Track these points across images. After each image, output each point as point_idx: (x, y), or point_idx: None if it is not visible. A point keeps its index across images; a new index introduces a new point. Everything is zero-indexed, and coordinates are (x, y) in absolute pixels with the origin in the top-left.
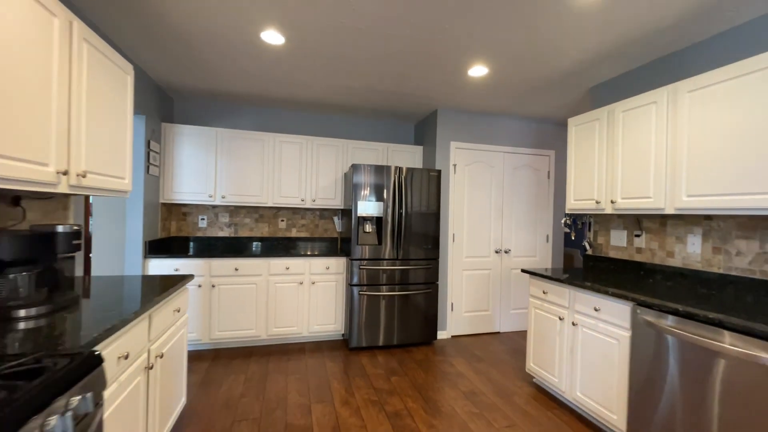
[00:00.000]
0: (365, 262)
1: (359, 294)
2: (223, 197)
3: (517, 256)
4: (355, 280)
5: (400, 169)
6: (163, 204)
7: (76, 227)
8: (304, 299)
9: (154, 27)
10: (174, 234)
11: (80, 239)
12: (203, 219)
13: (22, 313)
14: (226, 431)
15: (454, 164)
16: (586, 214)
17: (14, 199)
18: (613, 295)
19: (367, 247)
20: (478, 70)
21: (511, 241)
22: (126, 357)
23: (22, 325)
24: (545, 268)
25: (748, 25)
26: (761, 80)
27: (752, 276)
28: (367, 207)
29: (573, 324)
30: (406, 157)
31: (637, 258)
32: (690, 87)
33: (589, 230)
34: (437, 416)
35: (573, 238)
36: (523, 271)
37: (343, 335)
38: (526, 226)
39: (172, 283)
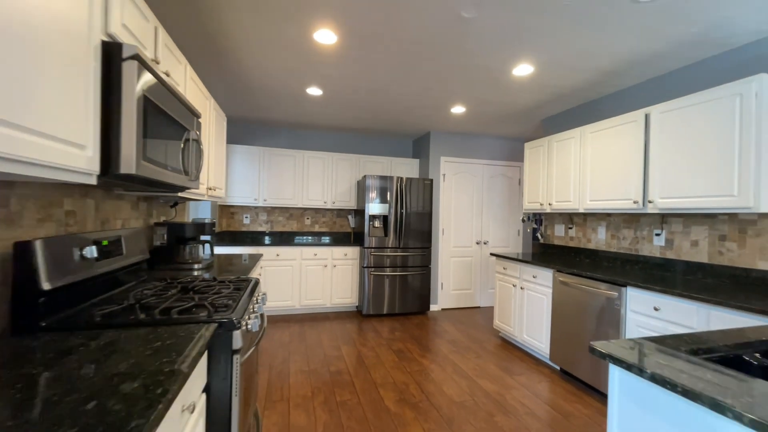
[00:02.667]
0: (374, 249)
1: (370, 274)
2: (264, 200)
3: (493, 246)
4: (367, 264)
5: (401, 178)
6: (220, 206)
7: (213, 220)
8: (328, 278)
9: (232, 83)
10: (225, 229)
11: (215, 228)
12: (247, 217)
13: (196, 265)
14: (286, 359)
15: (443, 174)
16: (538, 213)
17: (173, 204)
18: (543, 266)
19: (375, 238)
20: (458, 109)
21: (489, 234)
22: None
23: (196, 272)
24: (516, 253)
25: (621, 92)
26: (627, 129)
27: (629, 252)
28: (376, 208)
29: (521, 288)
30: (406, 168)
31: (570, 244)
32: (591, 129)
33: (541, 225)
34: (428, 352)
35: (529, 230)
36: (491, 254)
37: (357, 307)
38: (500, 223)
39: (255, 258)
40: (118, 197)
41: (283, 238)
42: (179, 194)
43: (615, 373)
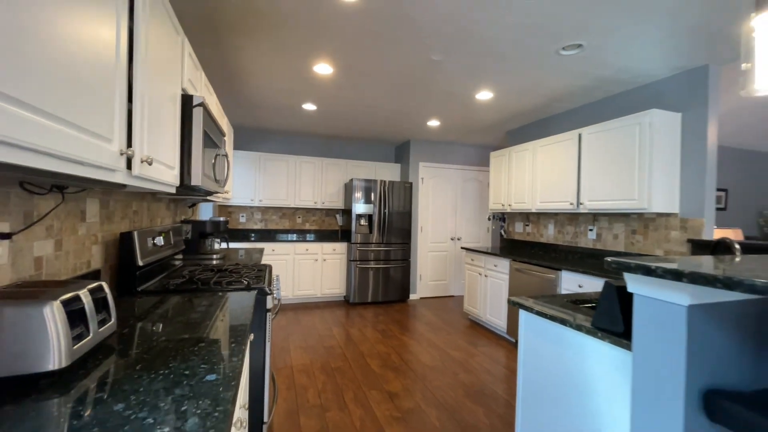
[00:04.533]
0: (360, 245)
1: (356, 267)
2: (260, 200)
3: (466, 242)
4: (353, 258)
5: (384, 181)
6: (219, 206)
7: (226, 219)
8: (318, 271)
9: (237, 99)
10: None
11: (228, 225)
12: (243, 216)
13: (215, 256)
14: (286, 338)
15: (422, 177)
16: (502, 212)
17: (192, 205)
18: (502, 257)
19: (361, 235)
20: (433, 122)
21: (462, 231)
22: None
23: (215, 261)
24: (486, 247)
25: (564, 113)
26: (566, 145)
27: (570, 244)
28: (361, 207)
29: (486, 276)
30: (389, 172)
31: (527, 238)
32: (540, 144)
33: (505, 223)
34: (407, 331)
35: (491, 228)
36: (462, 248)
37: (344, 296)
38: (472, 221)
39: (260, 251)
40: (158, 200)
41: (277, 235)
42: (208, 197)
43: (522, 314)
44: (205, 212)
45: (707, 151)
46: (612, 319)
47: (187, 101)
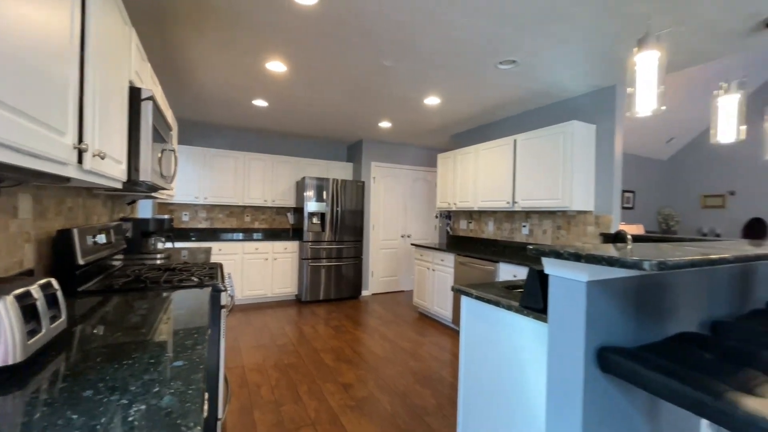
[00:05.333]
0: (312, 243)
1: (308, 265)
2: (205, 198)
3: (416, 238)
4: (305, 256)
5: (337, 180)
6: (158, 203)
7: (171, 217)
8: (269, 270)
9: (182, 90)
10: None
11: (172, 223)
12: (186, 214)
13: (158, 255)
14: (236, 338)
15: (374, 177)
16: (448, 210)
17: (131, 202)
18: (448, 251)
19: (313, 233)
20: (385, 124)
21: (412, 229)
22: None
23: (159, 261)
24: (435, 243)
25: (503, 120)
26: (504, 149)
27: (507, 239)
28: (314, 206)
29: (433, 270)
30: (341, 171)
31: (470, 234)
32: (482, 147)
33: (451, 220)
34: (359, 326)
35: (438, 225)
36: (412, 244)
37: (296, 295)
38: (422, 219)
39: (208, 251)
40: (94, 196)
41: (224, 235)
42: (151, 194)
43: (463, 300)
44: (144, 210)
45: (614, 158)
46: (534, 298)
47: (135, 94)
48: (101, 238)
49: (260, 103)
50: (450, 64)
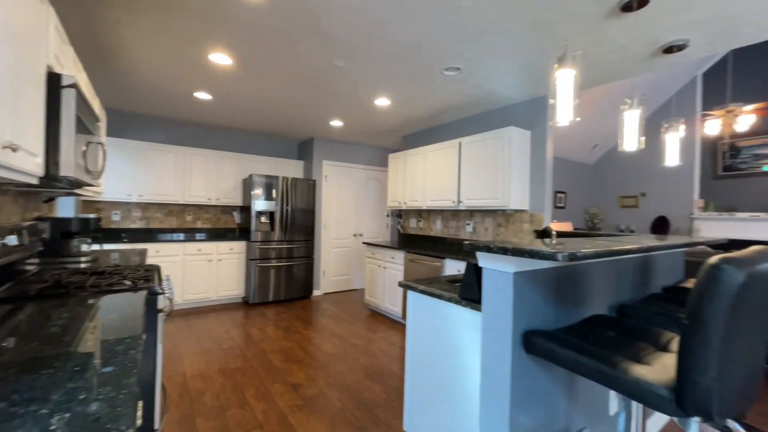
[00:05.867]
0: (260, 243)
1: (256, 266)
2: (140, 195)
3: (368, 237)
4: (253, 256)
5: (287, 178)
6: (83, 201)
7: (99, 216)
8: (213, 272)
9: (113, 79)
10: None
11: (100, 223)
12: (117, 213)
13: (83, 258)
14: (176, 345)
15: (325, 175)
16: (398, 209)
17: (49, 200)
18: (398, 249)
19: (261, 233)
20: (336, 123)
21: (364, 227)
22: None
23: (83, 264)
24: (386, 241)
25: (450, 123)
26: (450, 151)
27: (454, 237)
28: (262, 204)
29: (384, 268)
30: (291, 169)
31: (420, 233)
32: (430, 149)
33: (401, 218)
34: (310, 326)
35: (390, 224)
36: (363, 243)
37: (243, 297)
38: (374, 218)
39: (143, 253)
40: (3, 192)
41: (161, 235)
42: (74, 191)
43: (409, 294)
44: (65, 209)
45: (546, 162)
46: (471, 289)
47: (54, 80)
48: (12, 240)
49: (203, 96)
50: (399, 68)
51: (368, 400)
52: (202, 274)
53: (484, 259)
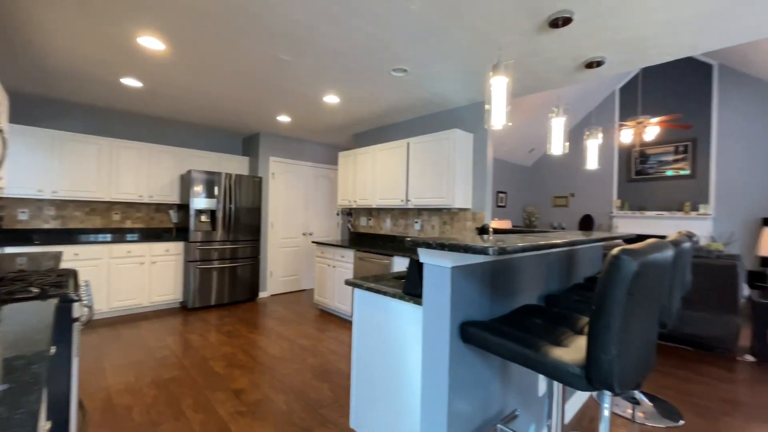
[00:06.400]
0: (200, 244)
1: (196, 268)
2: (54, 192)
3: (318, 236)
4: (192, 258)
5: (230, 174)
6: None
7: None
8: (145, 276)
9: (18, 59)
10: None
11: (0, 222)
12: (24, 212)
13: None
14: (98, 358)
15: (272, 172)
16: (349, 208)
17: None
18: (348, 248)
19: (202, 232)
20: (284, 118)
21: (314, 226)
22: None
23: None
24: (336, 240)
25: (400, 123)
26: (398, 151)
27: (403, 235)
28: (202, 202)
29: (334, 267)
30: (235, 165)
31: (370, 231)
32: (379, 148)
33: (351, 217)
34: (255, 329)
35: (340, 222)
36: (313, 242)
37: (181, 302)
38: (324, 216)
39: (57, 257)
40: None
41: (81, 236)
42: None
43: (356, 292)
44: None
45: (487, 163)
46: (414, 284)
47: None
48: None
49: (131, 82)
50: (348, 66)
51: (315, 400)
52: (133, 278)
53: (424, 255)
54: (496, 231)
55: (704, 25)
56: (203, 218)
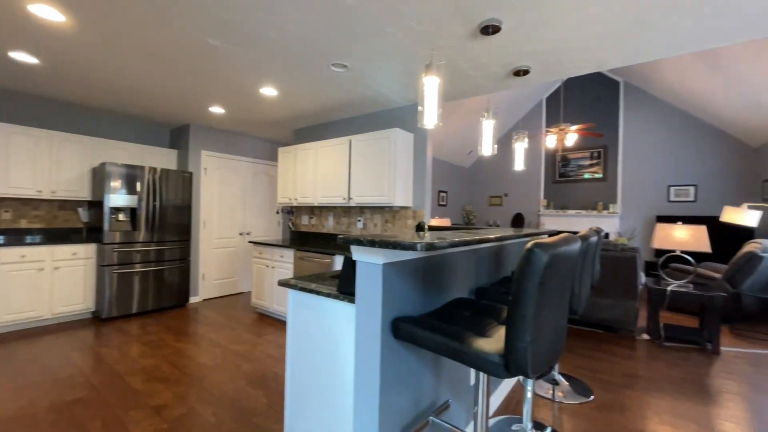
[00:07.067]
0: (119, 245)
1: (113, 273)
2: None
3: (256, 236)
4: (108, 262)
5: (155, 169)
6: None
7: None
8: (46, 284)
9: None
10: None
11: None
12: None
13: None
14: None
15: (205, 168)
16: (289, 206)
17: None
18: (287, 247)
19: (120, 233)
20: (217, 109)
21: (252, 225)
22: None
23: None
24: (276, 239)
25: (342, 120)
26: (341, 148)
27: (345, 233)
28: (121, 199)
29: (272, 268)
30: (162, 158)
31: (312, 230)
32: (321, 145)
33: (292, 215)
34: (184, 337)
35: (281, 221)
36: (250, 242)
37: (93, 312)
38: (263, 215)
39: None
40: None
41: None
42: None
43: (290, 293)
44: None
45: (426, 163)
46: (349, 283)
47: None
48: None
49: (23, 57)
50: (286, 58)
51: (249, 408)
52: (29, 287)
53: (357, 253)
54: (436, 228)
55: (609, 44)
56: (121, 217)
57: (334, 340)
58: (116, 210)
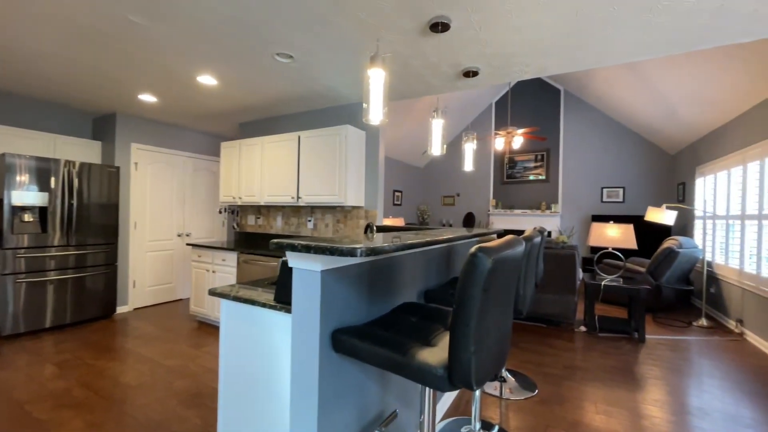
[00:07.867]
0: (25, 250)
1: (17, 282)
2: None
3: (197, 238)
4: (10, 270)
5: (73, 162)
6: None
7: None
8: None
9: None
10: None
11: None
12: None
13: None
14: None
15: (135, 162)
16: (233, 205)
17: None
18: (229, 250)
19: (26, 236)
20: (148, 98)
21: (192, 226)
22: None
23: None
24: (220, 241)
25: (290, 115)
26: (289, 144)
27: (295, 233)
28: (27, 197)
29: (213, 272)
30: (82, 150)
31: (259, 231)
32: (268, 140)
33: (237, 215)
34: (106, 353)
35: (226, 222)
36: (188, 244)
37: None
38: (205, 215)
39: None
40: None
41: None
42: None
43: (222, 303)
44: None
45: (379, 161)
46: (286, 291)
47: None
48: None
49: None
50: (222, 43)
51: None
52: None
53: (292, 258)
54: (386, 229)
55: (549, 51)
56: (27, 217)
57: (271, 353)
58: (21, 209)
